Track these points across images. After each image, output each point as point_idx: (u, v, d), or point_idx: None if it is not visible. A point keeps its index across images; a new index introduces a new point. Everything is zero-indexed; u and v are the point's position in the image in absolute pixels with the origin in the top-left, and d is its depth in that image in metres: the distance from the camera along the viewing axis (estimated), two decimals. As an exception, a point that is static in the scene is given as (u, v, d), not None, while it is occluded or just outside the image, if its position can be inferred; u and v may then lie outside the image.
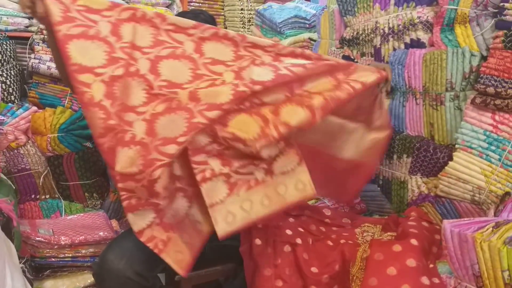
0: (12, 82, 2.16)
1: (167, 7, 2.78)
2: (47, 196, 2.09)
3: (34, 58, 2.24)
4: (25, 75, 2.33)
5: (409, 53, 1.74)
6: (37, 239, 1.69)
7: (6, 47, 2.19)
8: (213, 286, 1.80)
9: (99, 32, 1.20)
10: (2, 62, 2.16)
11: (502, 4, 1.46)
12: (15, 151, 2.01)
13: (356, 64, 1.44)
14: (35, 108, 2.11)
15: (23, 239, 1.62)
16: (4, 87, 2.12)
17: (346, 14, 2.08)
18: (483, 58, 1.55)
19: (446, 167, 1.58)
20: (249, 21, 3.09)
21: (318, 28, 2.46)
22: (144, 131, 1.19)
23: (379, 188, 1.93)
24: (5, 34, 2.26)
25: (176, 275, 1.59)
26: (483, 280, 1.09)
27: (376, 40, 1.91)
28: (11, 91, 2.15)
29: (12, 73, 2.18)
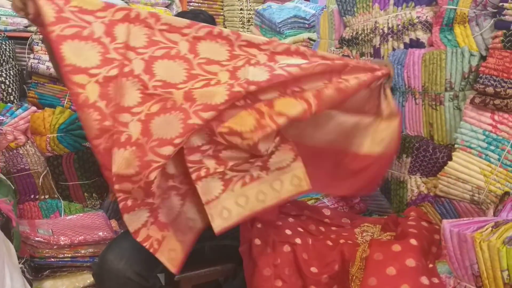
0: (11, 82, 2.16)
1: (167, 7, 2.78)
2: (47, 196, 2.08)
3: (33, 58, 2.23)
4: (24, 75, 2.32)
5: (408, 53, 1.74)
6: (36, 239, 1.69)
7: (5, 47, 2.19)
8: (212, 286, 1.80)
9: (93, 33, 1.19)
10: (1, 62, 2.16)
11: (501, 4, 1.46)
12: (14, 151, 2.01)
13: (353, 63, 1.41)
14: (34, 108, 2.11)
15: (23, 239, 1.62)
16: (3, 87, 2.12)
17: (346, 14, 2.08)
18: (482, 58, 1.55)
19: (446, 167, 1.58)
20: (248, 21, 3.09)
21: (317, 28, 2.46)
22: (139, 131, 1.18)
23: (378, 188, 1.93)
24: (4, 34, 2.26)
25: (176, 275, 1.59)
26: (483, 280, 1.09)
27: (376, 40, 1.91)
28: (10, 91, 2.14)
29: (11, 73, 2.18)
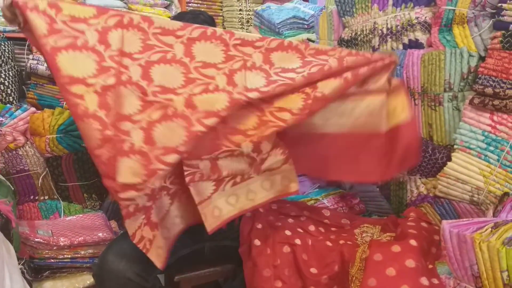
0: (11, 83, 2.16)
1: (166, 7, 2.77)
2: (46, 197, 2.08)
3: (33, 59, 2.23)
4: (23, 76, 2.32)
5: (407, 53, 1.74)
6: (36, 240, 1.68)
7: (4, 48, 2.19)
8: (212, 286, 1.81)
9: (86, 42, 1.18)
10: (1, 63, 2.16)
11: (500, 4, 1.47)
12: (14, 152, 2.00)
13: (350, 60, 1.38)
14: (33, 109, 2.10)
15: (22, 240, 1.61)
16: (2, 88, 2.12)
17: (345, 15, 2.08)
18: (481, 59, 1.55)
19: (445, 168, 1.58)
20: (247, 21, 3.09)
21: (316, 28, 2.46)
22: (142, 139, 1.17)
23: (378, 188, 1.93)
24: (3, 35, 2.26)
25: (175, 276, 1.59)
26: (482, 281, 1.09)
27: (375, 41, 1.91)
28: (9, 92, 2.14)
29: (11, 74, 2.18)
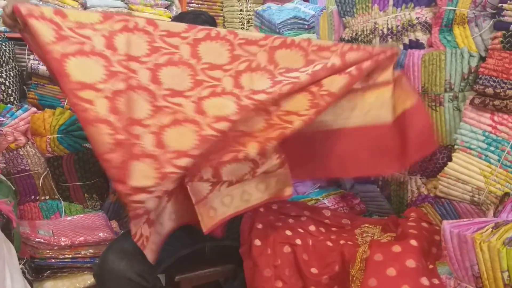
0: (12, 83, 2.16)
1: (166, 8, 2.78)
2: (47, 197, 2.08)
3: (33, 59, 2.23)
4: (24, 76, 2.32)
5: (407, 54, 1.74)
6: (37, 240, 1.69)
7: (5, 48, 2.19)
8: (213, 286, 1.81)
9: (93, 47, 1.18)
10: (1, 63, 2.16)
11: (500, 4, 1.47)
12: (15, 152, 2.01)
13: (352, 56, 1.40)
14: (34, 109, 2.11)
15: (23, 240, 1.62)
16: (3, 88, 2.12)
17: (345, 15, 2.08)
18: (482, 59, 1.55)
19: (446, 168, 1.58)
20: (248, 22, 3.09)
21: (317, 29, 2.46)
22: (152, 143, 1.18)
23: (378, 189, 1.93)
24: (4, 35, 2.26)
25: (176, 276, 1.59)
26: (483, 281, 1.09)
27: (375, 41, 1.91)
28: (10, 92, 2.14)
29: (12, 74, 2.18)
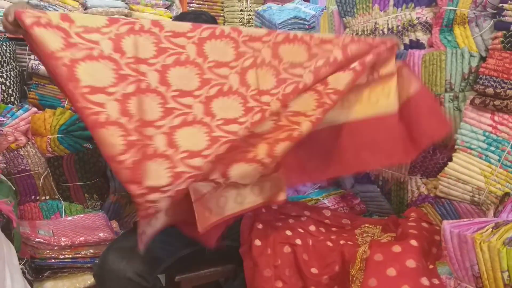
0: (12, 83, 2.16)
1: (167, 8, 2.78)
2: (47, 197, 2.08)
3: (34, 59, 2.23)
4: (25, 76, 2.32)
5: (408, 54, 1.74)
6: (37, 240, 1.69)
7: (6, 48, 2.19)
8: (213, 287, 1.81)
9: (102, 52, 1.20)
10: (2, 63, 2.16)
11: (501, 5, 1.47)
12: (15, 152, 2.01)
13: (353, 48, 1.42)
14: (35, 109, 2.11)
15: (23, 240, 1.62)
16: (4, 88, 2.12)
17: (345, 15, 2.08)
18: (482, 59, 1.55)
19: (446, 168, 1.58)
20: (248, 22, 3.09)
21: (317, 29, 2.46)
22: (165, 144, 1.21)
23: (378, 189, 1.93)
24: (4, 35, 2.26)
25: (176, 276, 1.59)
26: (483, 281, 1.09)
27: (376, 41, 1.91)
28: (11, 92, 2.14)
29: (12, 74, 2.18)
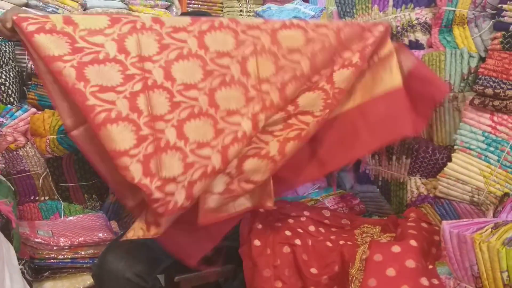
0: (11, 83, 2.16)
1: (166, 8, 2.77)
2: (46, 197, 2.08)
3: (33, 60, 2.23)
4: (24, 76, 2.32)
5: (408, 54, 1.74)
6: (36, 240, 1.68)
7: (5, 48, 2.19)
8: (212, 287, 1.80)
9: (108, 54, 1.24)
10: (1, 64, 2.16)
11: (500, 5, 1.47)
12: (14, 152, 2.00)
13: (346, 31, 1.48)
14: (34, 109, 2.10)
15: (22, 240, 1.61)
16: (3, 88, 2.12)
17: (345, 16, 2.08)
18: (482, 59, 1.55)
19: (445, 168, 1.58)
20: (248, 22, 3.09)
21: (317, 29, 2.46)
22: (175, 136, 1.25)
23: (378, 189, 1.93)
24: (4, 36, 2.26)
25: (176, 276, 1.59)
26: (482, 281, 1.09)
27: (375, 42, 1.91)
28: (10, 92, 2.14)
29: (11, 74, 2.18)
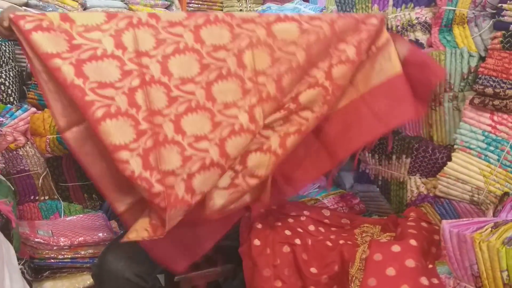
0: (11, 83, 2.16)
1: (166, 8, 2.78)
2: (46, 197, 2.08)
3: (33, 60, 2.23)
4: (24, 76, 2.32)
5: (407, 54, 1.74)
6: (36, 240, 1.69)
7: (5, 48, 2.19)
8: (212, 286, 1.80)
9: (105, 50, 1.24)
10: (1, 63, 2.16)
11: (500, 5, 1.47)
12: (14, 152, 2.00)
13: (340, 23, 1.48)
14: (34, 109, 2.10)
15: (22, 240, 1.61)
16: (3, 88, 2.12)
17: (345, 15, 2.08)
18: (482, 59, 1.55)
19: (445, 168, 1.58)
20: (248, 22, 3.09)
21: (317, 29, 2.46)
22: (173, 130, 1.27)
23: (378, 188, 1.93)
24: (3, 35, 2.26)
25: (175, 276, 1.59)
26: (482, 280, 1.09)
27: (375, 41, 1.91)
28: (10, 92, 2.14)
29: (11, 74, 2.18)
